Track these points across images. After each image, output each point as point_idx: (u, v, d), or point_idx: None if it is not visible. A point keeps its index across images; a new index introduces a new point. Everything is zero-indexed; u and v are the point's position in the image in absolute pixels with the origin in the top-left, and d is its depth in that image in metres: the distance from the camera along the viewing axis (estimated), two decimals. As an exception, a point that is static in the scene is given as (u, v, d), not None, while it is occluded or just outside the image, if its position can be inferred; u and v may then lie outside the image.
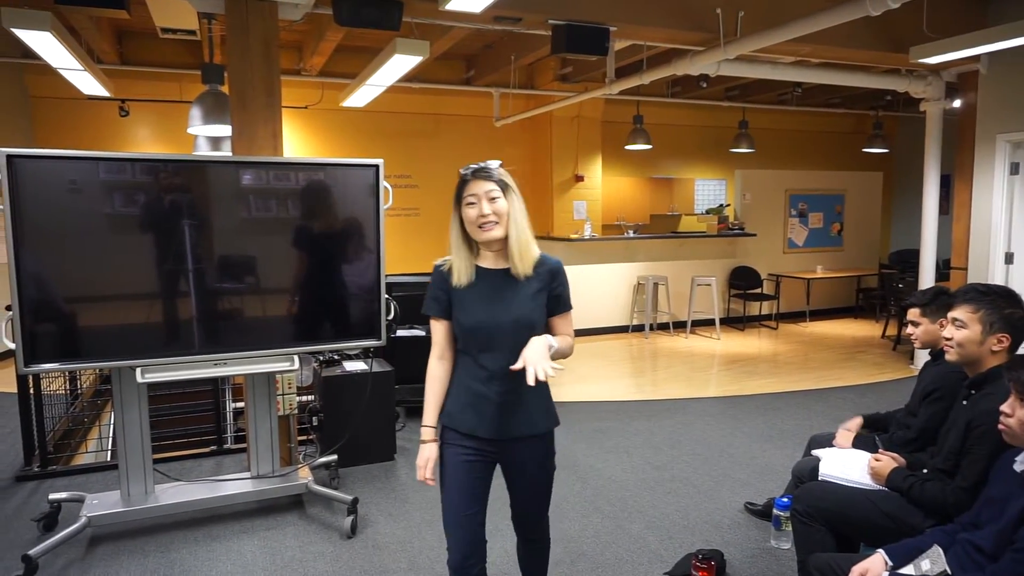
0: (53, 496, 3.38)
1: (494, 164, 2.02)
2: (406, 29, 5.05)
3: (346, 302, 3.42)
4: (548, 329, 2.06)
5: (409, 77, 6.88)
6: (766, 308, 9.28)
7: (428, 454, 2.04)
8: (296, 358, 3.31)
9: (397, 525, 3.38)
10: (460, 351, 2.07)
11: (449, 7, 4.41)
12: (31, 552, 2.86)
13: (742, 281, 9.03)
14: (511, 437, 2.04)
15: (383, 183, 3.36)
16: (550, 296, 2.05)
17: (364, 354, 4.48)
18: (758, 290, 9.06)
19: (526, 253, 2.00)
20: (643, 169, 10.70)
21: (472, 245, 2.02)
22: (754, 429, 4.81)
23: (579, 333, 8.25)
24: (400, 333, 4.89)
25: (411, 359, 5.05)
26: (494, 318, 1.98)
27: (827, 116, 11.07)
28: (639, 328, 8.55)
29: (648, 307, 8.37)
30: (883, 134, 10.09)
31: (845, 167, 10.89)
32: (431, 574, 2.93)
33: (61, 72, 6.25)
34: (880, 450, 2.63)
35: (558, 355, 1.98)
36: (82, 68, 5.97)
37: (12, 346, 2.85)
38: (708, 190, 11.35)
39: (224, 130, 5.37)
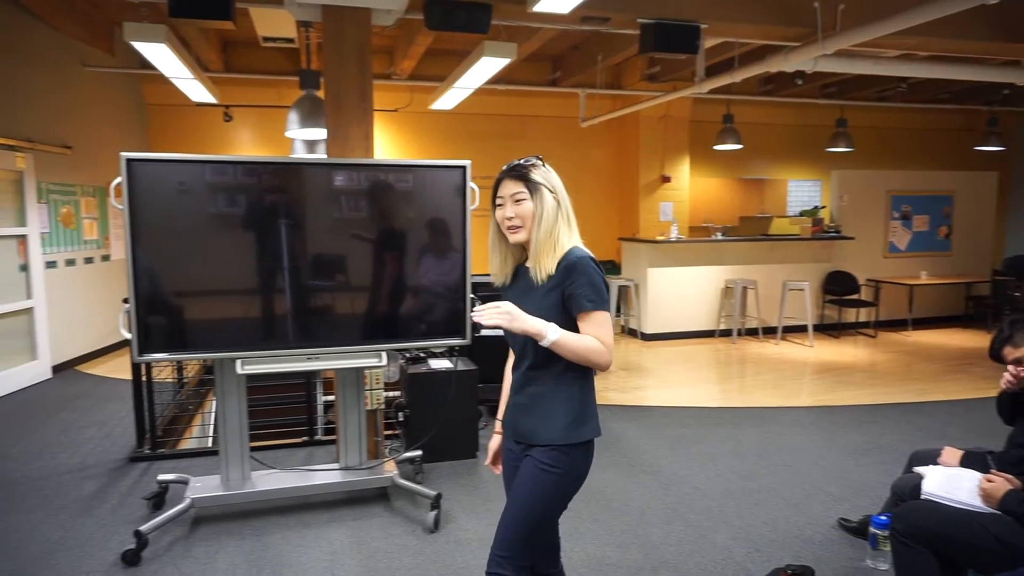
0: (161, 477, 3.63)
1: (531, 161, 1.91)
2: (494, 32, 5.11)
3: (433, 301, 3.49)
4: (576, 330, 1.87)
5: (496, 79, 6.95)
6: (864, 315, 8.84)
7: (491, 444, 2.15)
8: (384, 355, 3.41)
9: (479, 522, 3.42)
10: None
11: (537, 8, 4.43)
12: (142, 528, 3.07)
13: (838, 286, 8.63)
14: (524, 441, 1.94)
15: (470, 184, 3.41)
16: (564, 294, 1.84)
17: (449, 352, 4.56)
18: (855, 296, 8.63)
19: (545, 256, 1.86)
20: (733, 170, 10.40)
21: (511, 244, 1.96)
22: (849, 442, 4.59)
23: (664, 337, 8.15)
24: (484, 332, 4.94)
25: (495, 359, 5.10)
26: None
27: (934, 113, 10.43)
28: (726, 333, 8.31)
29: (736, 311, 8.13)
30: (999, 131, 9.42)
31: (954, 166, 10.23)
32: (511, 572, 2.95)
33: (173, 81, 6.67)
34: (992, 470, 2.46)
35: (568, 352, 1.81)
36: (192, 76, 6.35)
37: (128, 336, 3.06)
38: (802, 191, 10.91)
39: (320, 133, 5.59)
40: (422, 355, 4.52)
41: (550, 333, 1.78)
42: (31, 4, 5.81)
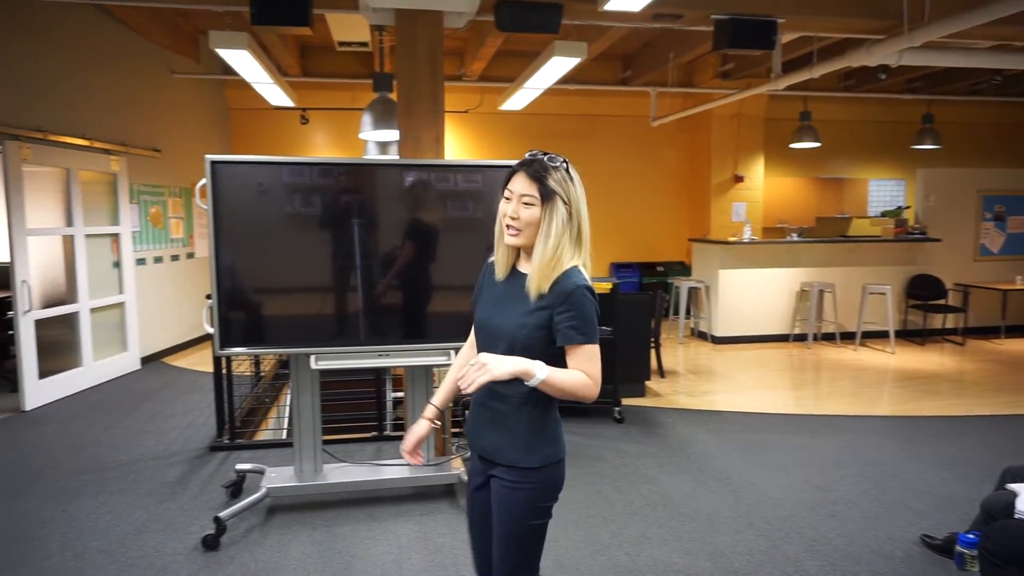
0: (239, 467, 3.78)
1: (554, 162, 1.73)
2: (564, 31, 5.09)
3: (500, 301, 3.50)
4: (560, 360, 1.72)
5: (566, 79, 6.93)
6: (951, 321, 8.38)
7: (415, 429, 1.94)
8: (452, 353, 3.44)
9: (543, 522, 3.41)
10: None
11: (608, 7, 4.40)
12: (221, 515, 3.21)
13: (922, 291, 8.22)
14: (491, 459, 1.82)
15: (539, 184, 3.40)
16: (553, 321, 1.71)
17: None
18: (942, 301, 8.20)
19: (543, 273, 1.71)
20: (810, 169, 10.05)
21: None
22: (933, 454, 4.36)
23: (736, 340, 7.94)
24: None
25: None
26: (492, 321, 1.81)
27: (1033, 107, 9.80)
28: (801, 337, 8.04)
29: (812, 315, 7.85)
30: (1105, 126, 8.76)
31: (1054, 164, 9.57)
32: (575, 575, 2.94)
33: (254, 85, 6.93)
34: (1095, 489, 2.29)
35: (554, 390, 1.69)
36: (271, 81, 6.58)
37: (211, 330, 3.20)
38: (884, 191, 10.45)
39: (392, 135, 5.71)
40: (489, 354, 4.54)
41: (538, 372, 1.64)
42: (125, 16, 6.15)
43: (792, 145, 8.76)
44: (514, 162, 1.78)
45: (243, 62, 5.78)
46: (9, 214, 5.15)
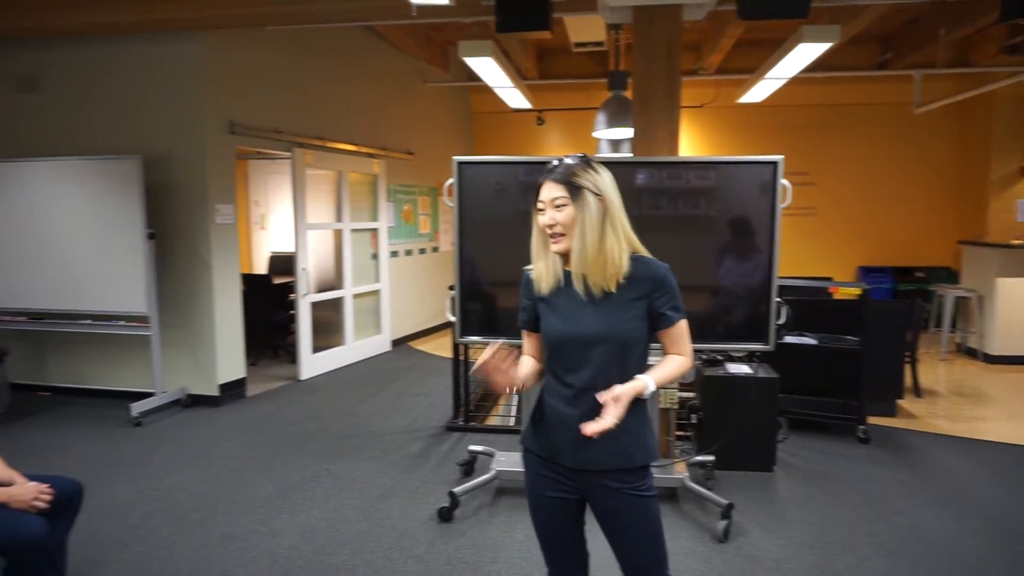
0: (472, 448, 4.05)
1: (576, 161, 1.75)
2: (814, 14, 4.70)
3: (734, 302, 3.36)
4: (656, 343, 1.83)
5: (813, 66, 6.40)
6: None
7: (491, 350, 1.69)
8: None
9: (773, 541, 3.21)
10: (546, 369, 1.87)
11: (869, -16, 3.98)
12: (455, 490, 3.47)
13: None
14: (598, 468, 1.78)
15: (781, 181, 3.20)
16: (652, 309, 1.76)
17: (749, 358, 4.35)
18: None
19: (596, 270, 1.72)
20: None
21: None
22: None
23: (1016, 360, 6.78)
24: (789, 340, 4.61)
25: (799, 368, 4.73)
26: (579, 330, 1.76)
27: None
28: (1108, 362, 6.64)
29: (1126, 337, 6.44)
30: None
31: None
32: (808, 602, 2.72)
33: (496, 90, 7.35)
34: None
35: (667, 382, 1.80)
36: (511, 85, 6.92)
37: (453, 319, 3.46)
38: None
39: (625, 132, 5.71)
40: (719, 358, 4.37)
41: (649, 384, 1.71)
42: (386, 32, 6.86)
43: (1105, 130, 7.26)
44: (752, 157, 1.70)
45: (487, 68, 6.15)
46: (295, 210, 6.03)
